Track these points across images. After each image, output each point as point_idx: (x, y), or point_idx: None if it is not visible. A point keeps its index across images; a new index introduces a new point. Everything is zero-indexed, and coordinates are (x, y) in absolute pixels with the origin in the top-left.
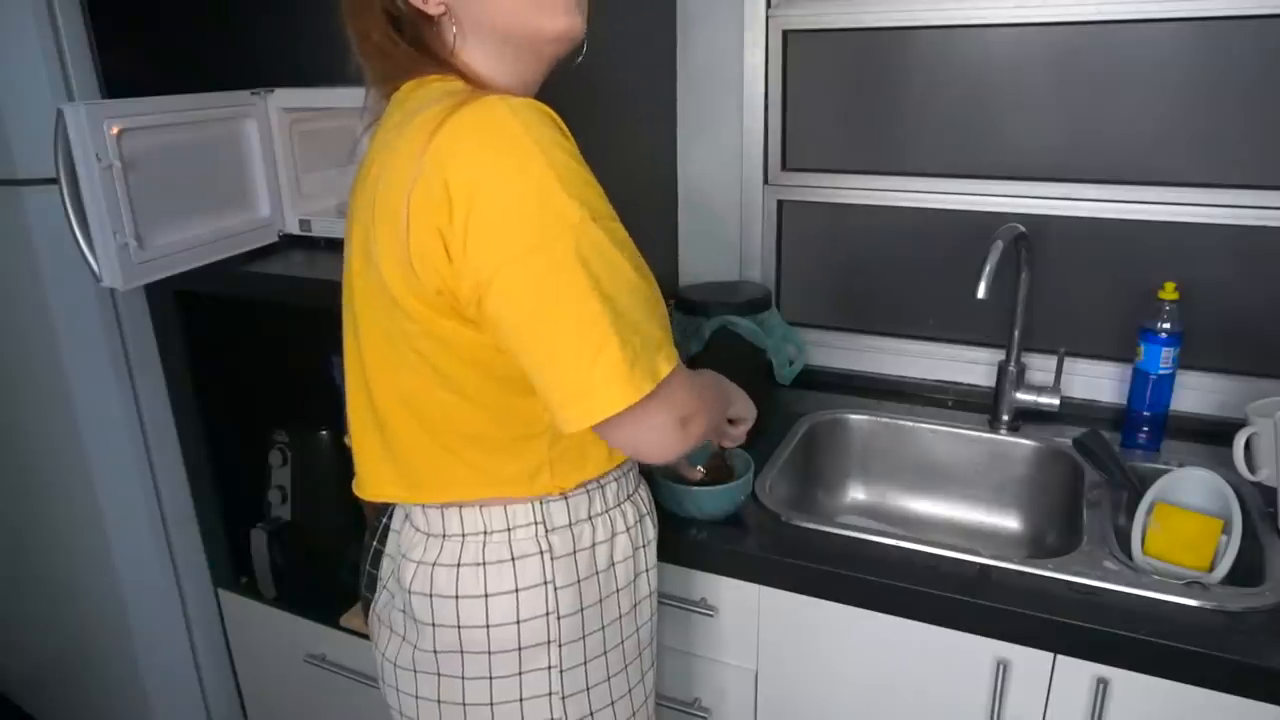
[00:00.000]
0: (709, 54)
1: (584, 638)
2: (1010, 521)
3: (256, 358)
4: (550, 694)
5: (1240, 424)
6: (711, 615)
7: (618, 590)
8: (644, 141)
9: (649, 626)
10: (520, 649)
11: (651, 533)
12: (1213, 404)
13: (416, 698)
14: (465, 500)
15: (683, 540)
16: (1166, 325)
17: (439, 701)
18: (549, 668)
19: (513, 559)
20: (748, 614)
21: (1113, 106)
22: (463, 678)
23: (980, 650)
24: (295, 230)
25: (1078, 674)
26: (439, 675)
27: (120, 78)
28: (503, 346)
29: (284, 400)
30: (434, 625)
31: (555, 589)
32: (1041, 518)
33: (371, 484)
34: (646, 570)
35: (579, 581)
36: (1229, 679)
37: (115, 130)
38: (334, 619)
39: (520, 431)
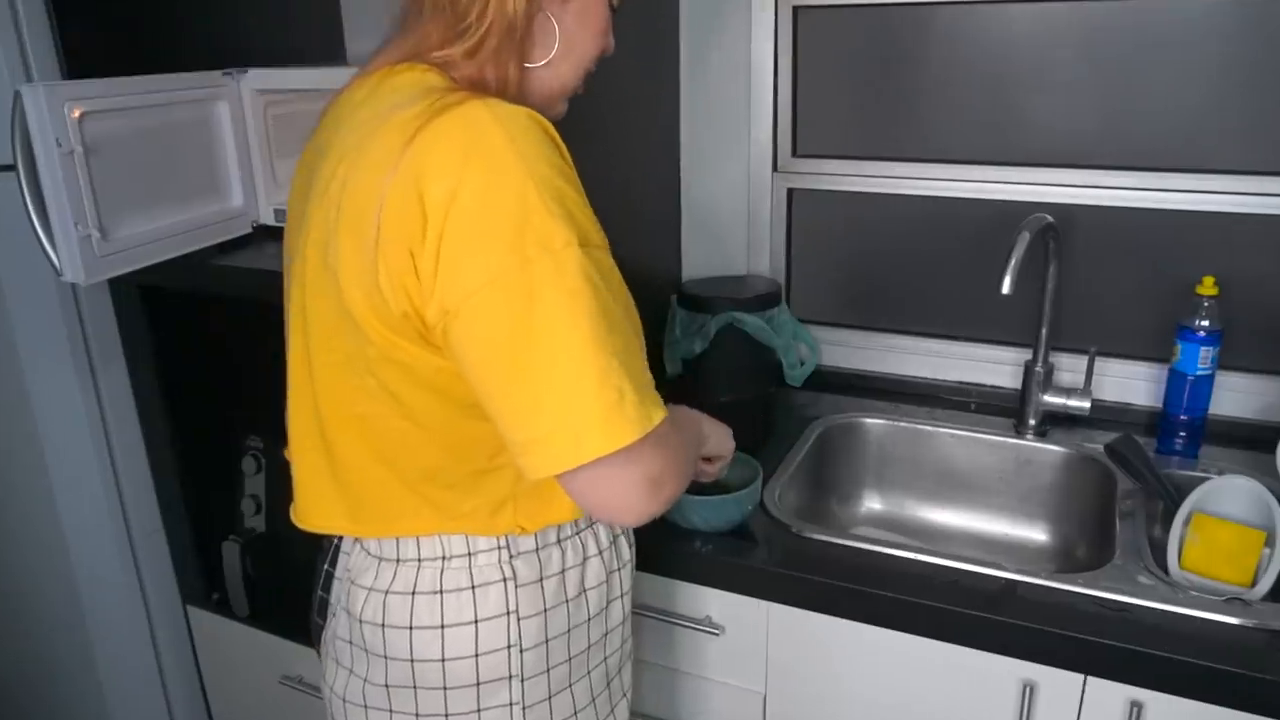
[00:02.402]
0: (714, 31)
1: (548, 671)
2: (1037, 533)
3: (228, 357)
4: None
5: None
6: (717, 634)
7: (589, 619)
8: (644, 126)
9: (619, 655)
10: (479, 684)
11: (627, 554)
12: (1254, 407)
13: None
14: (421, 534)
15: (686, 553)
16: (1205, 323)
17: None
18: (510, 704)
19: (473, 587)
20: (756, 633)
21: (1146, 87)
22: (417, 715)
23: (1005, 671)
24: (270, 221)
25: (1110, 697)
26: (391, 712)
27: (82, 57)
28: (466, 376)
29: (257, 403)
30: (386, 658)
31: (519, 619)
32: (1071, 529)
33: (316, 513)
34: (621, 596)
35: (545, 611)
36: (1272, 701)
37: (77, 113)
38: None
39: (481, 465)
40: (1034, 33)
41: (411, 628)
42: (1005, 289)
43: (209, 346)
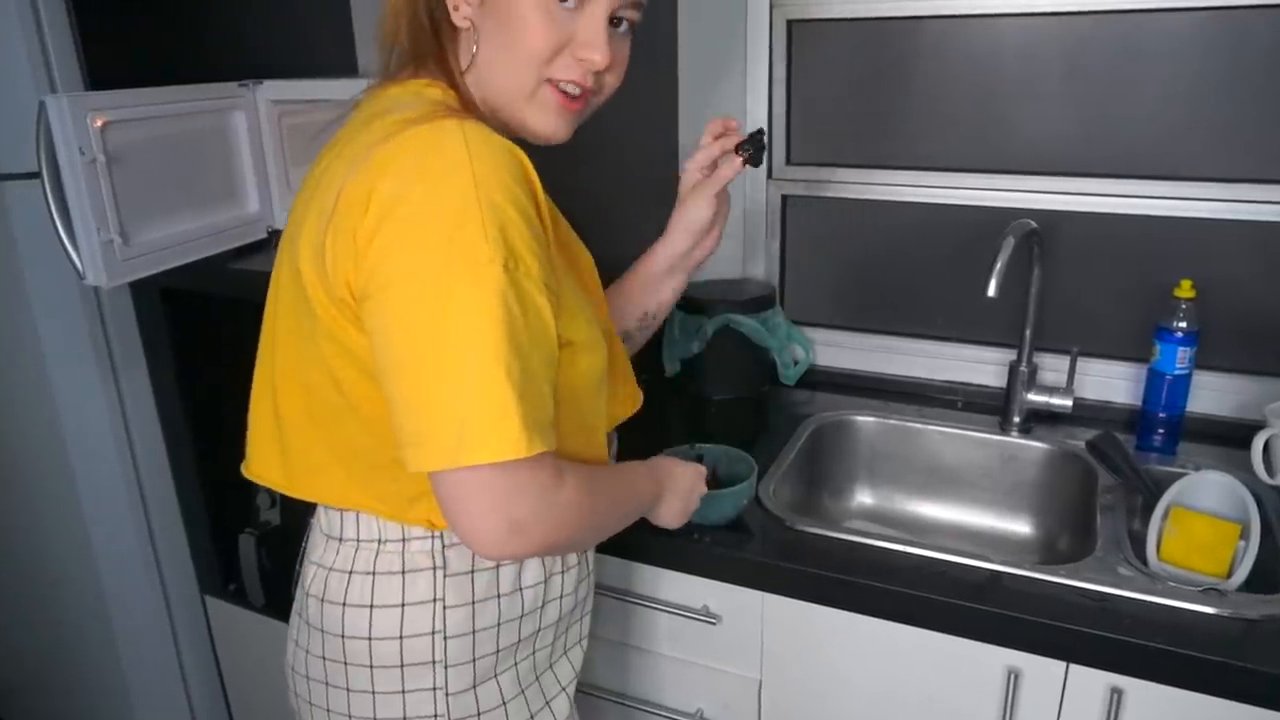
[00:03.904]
0: (711, 43)
1: (474, 661)
2: (1021, 526)
3: (244, 357)
4: (436, 716)
5: (1258, 426)
6: (714, 623)
7: (522, 615)
8: (643, 132)
9: (548, 651)
10: (403, 666)
11: (574, 559)
12: (1230, 405)
13: (310, 704)
14: (339, 506)
15: (684, 546)
16: (1183, 324)
17: (328, 710)
18: (434, 689)
19: (404, 571)
20: (751, 622)
21: (1127, 98)
22: (347, 690)
23: (991, 659)
24: (284, 226)
25: (1091, 683)
26: (326, 684)
27: (105, 69)
28: (376, 360)
29: None
30: (323, 631)
31: (445, 608)
32: (1054, 522)
33: (257, 464)
34: (560, 596)
35: (474, 603)
36: (1247, 688)
37: (99, 123)
38: None
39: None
40: (1019, 46)
41: (345, 604)
42: (991, 292)
43: (226, 347)
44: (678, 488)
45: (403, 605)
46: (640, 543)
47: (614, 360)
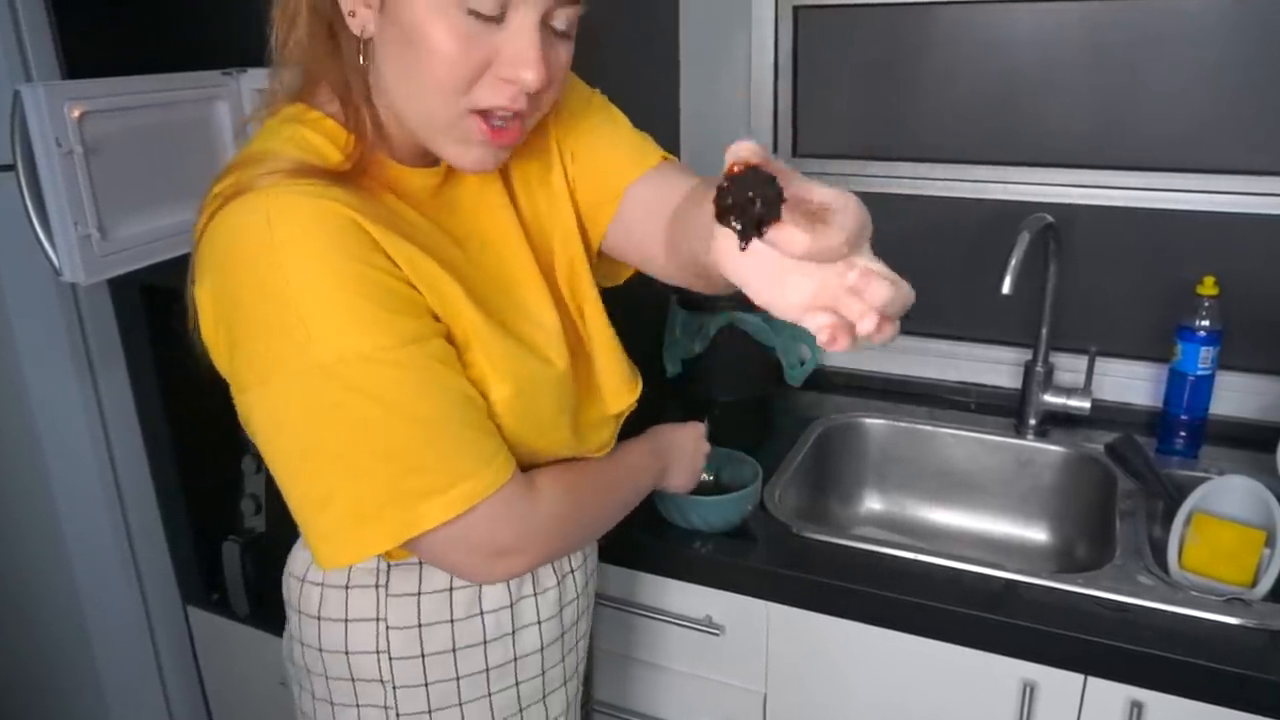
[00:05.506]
0: (714, 31)
1: (427, 685)
2: (1037, 533)
3: None
4: None
5: None
6: (717, 634)
7: (485, 642)
8: (643, 124)
9: (538, 683)
10: (354, 680)
11: (551, 580)
12: (1255, 407)
13: (299, 709)
14: None
15: (686, 554)
16: (1205, 323)
17: (300, 711)
18: (384, 708)
19: (347, 586)
20: (756, 632)
21: (1148, 88)
22: (313, 695)
23: (1006, 671)
24: None
25: (1110, 697)
26: (300, 688)
27: (82, 57)
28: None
29: None
30: (290, 636)
31: (388, 628)
32: (1071, 529)
33: None
34: (539, 623)
35: (420, 626)
36: (1272, 702)
37: (77, 113)
38: None
39: None
40: (1037, 32)
41: (300, 612)
42: (1006, 289)
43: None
44: (683, 454)
45: (346, 620)
46: (641, 550)
47: (580, 372)
